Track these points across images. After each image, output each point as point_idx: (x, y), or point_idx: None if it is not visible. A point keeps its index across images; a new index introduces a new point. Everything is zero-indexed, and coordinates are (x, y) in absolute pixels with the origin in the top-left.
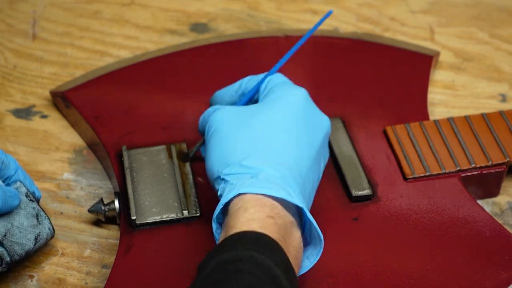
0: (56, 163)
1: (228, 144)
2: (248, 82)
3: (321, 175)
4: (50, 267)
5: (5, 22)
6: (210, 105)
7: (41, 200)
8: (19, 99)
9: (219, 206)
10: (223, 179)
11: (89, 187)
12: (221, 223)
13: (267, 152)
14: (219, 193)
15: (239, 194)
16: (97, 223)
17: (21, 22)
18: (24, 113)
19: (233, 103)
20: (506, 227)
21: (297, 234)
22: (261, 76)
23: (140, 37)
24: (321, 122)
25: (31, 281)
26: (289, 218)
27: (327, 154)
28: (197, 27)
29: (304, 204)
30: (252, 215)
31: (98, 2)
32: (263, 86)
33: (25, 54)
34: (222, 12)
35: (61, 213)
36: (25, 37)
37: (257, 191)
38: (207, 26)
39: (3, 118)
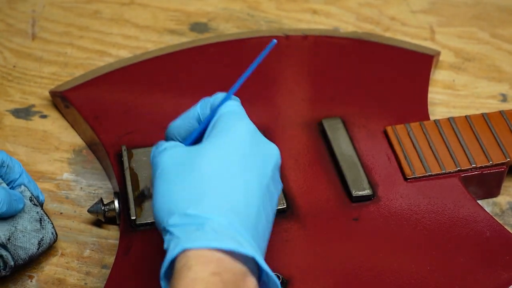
0: (55, 163)
1: (173, 191)
2: (202, 107)
3: (275, 209)
4: (49, 268)
5: (4, 22)
6: (166, 138)
7: None
8: (18, 99)
9: (165, 263)
10: (168, 231)
11: (88, 187)
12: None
13: (213, 197)
14: (165, 246)
15: (184, 250)
16: (97, 223)
17: (21, 21)
18: (23, 113)
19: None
20: (506, 227)
21: (250, 282)
22: (213, 99)
23: (139, 37)
24: (269, 153)
25: (31, 281)
26: (239, 268)
27: (279, 185)
28: (196, 27)
29: (255, 250)
30: (196, 274)
31: (98, 1)
32: (215, 116)
33: (24, 54)
34: (222, 12)
35: (61, 213)
36: (24, 37)
37: (203, 245)
38: (207, 25)
39: (2, 118)
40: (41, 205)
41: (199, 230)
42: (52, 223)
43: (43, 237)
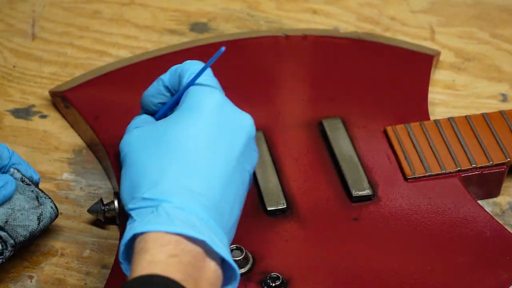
0: (55, 163)
1: (135, 173)
2: (171, 76)
3: (248, 182)
4: (49, 268)
5: (4, 22)
6: (141, 107)
7: None
8: (18, 99)
9: (121, 247)
10: (129, 214)
11: (88, 187)
12: None
13: (172, 178)
14: (126, 230)
15: (140, 233)
16: (96, 223)
17: (21, 21)
18: (23, 113)
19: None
20: (506, 227)
21: (210, 264)
22: (181, 68)
23: (139, 37)
24: (241, 124)
25: (31, 281)
26: (198, 250)
27: (255, 156)
28: (196, 27)
29: (213, 233)
30: (154, 257)
31: (98, 1)
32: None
33: (24, 54)
34: (222, 12)
35: (61, 213)
36: (24, 36)
37: (155, 229)
38: (207, 25)
39: (2, 118)
40: (36, 184)
41: (152, 214)
42: (50, 198)
43: (42, 212)
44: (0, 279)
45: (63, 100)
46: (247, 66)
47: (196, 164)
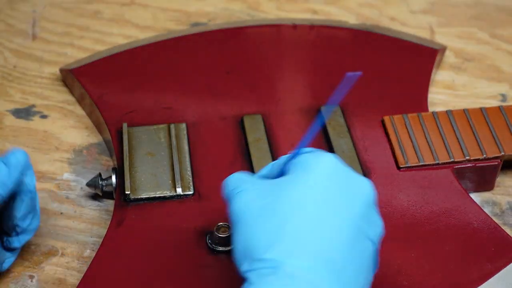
0: (55, 163)
1: (250, 235)
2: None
3: (372, 253)
4: (50, 267)
5: (5, 22)
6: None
7: (41, 200)
8: (18, 99)
9: None
10: (245, 275)
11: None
12: None
13: (291, 240)
14: None
15: None
16: (96, 223)
17: (21, 22)
18: (23, 113)
19: None
20: (506, 227)
21: None
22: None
23: (140, 37)
24: (359, 189)
25: (31, 281)
26: None
27: (377, 225)
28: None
29: None
30: None
31: (98, 2)
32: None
33: (25, 54)
34: (222, 12)
35: (61, 213)
36: (25, 37)
37: None
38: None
39: (2, 118)
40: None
41: (273, 275)
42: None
43: None
44: (1, 279)
45: (72, 76)
46: (250, 52)
47: (314, 226)
